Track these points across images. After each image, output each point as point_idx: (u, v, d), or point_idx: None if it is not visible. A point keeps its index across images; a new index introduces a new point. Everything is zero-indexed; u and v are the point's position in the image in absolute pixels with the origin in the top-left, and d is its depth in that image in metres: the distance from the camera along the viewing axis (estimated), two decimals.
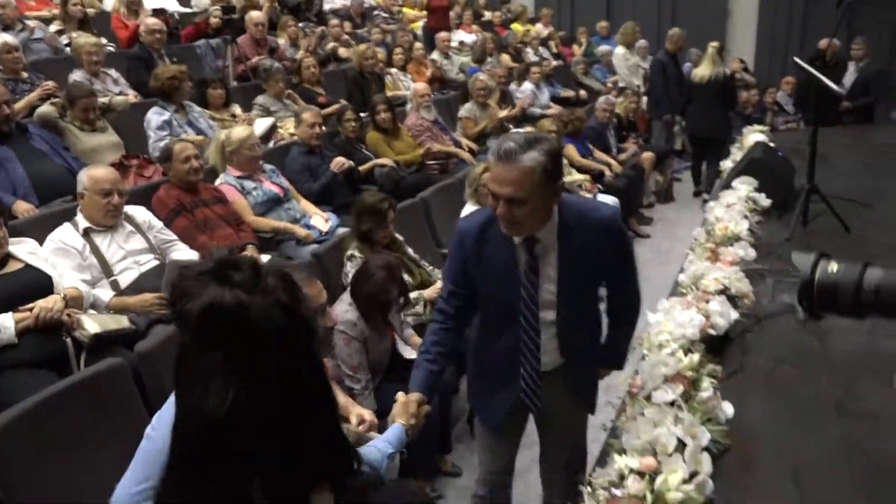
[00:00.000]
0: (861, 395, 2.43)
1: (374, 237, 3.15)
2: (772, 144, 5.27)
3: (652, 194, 6.74)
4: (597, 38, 9.85)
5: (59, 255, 2.81)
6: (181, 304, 0.80)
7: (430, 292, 3.23)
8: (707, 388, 2.23)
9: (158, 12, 5.69)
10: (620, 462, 1.83)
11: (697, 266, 3.14)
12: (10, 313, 2.43)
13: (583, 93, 8.06)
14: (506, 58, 8.13)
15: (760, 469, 2.08)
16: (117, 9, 5.98)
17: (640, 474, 1.78)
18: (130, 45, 5.61)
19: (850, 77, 7.04)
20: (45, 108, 3.82)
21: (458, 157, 5.24)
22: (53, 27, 5.64)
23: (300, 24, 6.95)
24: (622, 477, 1.80)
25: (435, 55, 7.64)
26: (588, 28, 10.11)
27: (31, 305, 2.47)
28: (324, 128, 4.47)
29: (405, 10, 9.80)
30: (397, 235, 3.38)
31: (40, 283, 2.60)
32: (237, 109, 4.94)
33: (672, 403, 2.02)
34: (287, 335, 0.80)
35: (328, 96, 5.69)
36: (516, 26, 9.81)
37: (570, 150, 5.60)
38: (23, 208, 3.18)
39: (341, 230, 3.71)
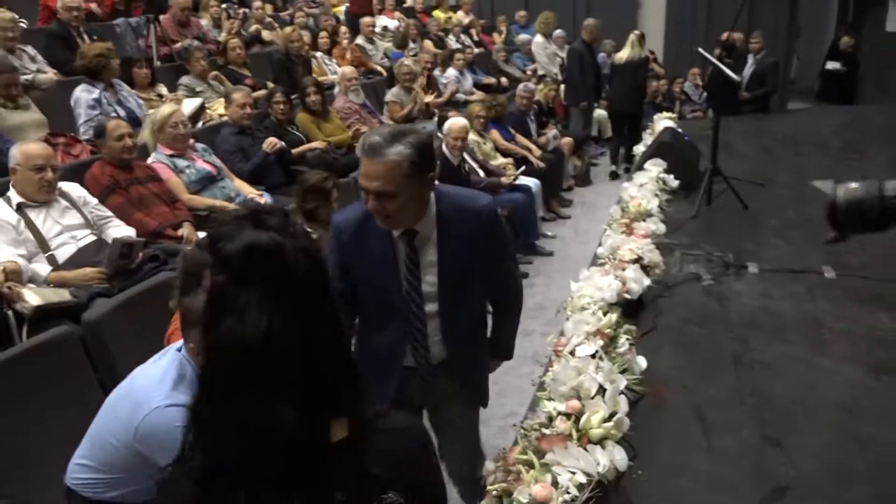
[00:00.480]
0: (755, 348, 2.76)
1: (319, 216, 3.24)
2: (679, 130, 5.67)
3: (571, 178, 7.07)
4: (516, 26, 10.13)
5: None
6: (219, 246, 0.90)
7: None
8: (623, 344, 2.49)
9: None
10: (549, 406, 2.05)
11: (614, 239, 3.42)
12: None
13: (504, 80, 8.30)
14: (429, 44, 8.27)
15: (669, 410, 2.36)
16: None
17: (567, 416, 2.00)
18: (47, 21, 5.43)
19: (749, 69, 7.57)
20: None
21: None
22: None
23: (223, 6, 6.86)
24: (550, 419, 2.01)
25: (359, 40, 7.70)
26: (507, 17, 10.38)
27: None
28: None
29: None
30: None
31: None
32: (163, 89, 4.90)
33: (594, 356, 2.25)
34: (311, 274, 0.92)
35: (254, 78, 5.69)
36: (438, 13, 9.96)
37: (494, 134, 5.83)
38: None
39: None
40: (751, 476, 2.02)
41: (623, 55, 7.08)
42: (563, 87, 7.63)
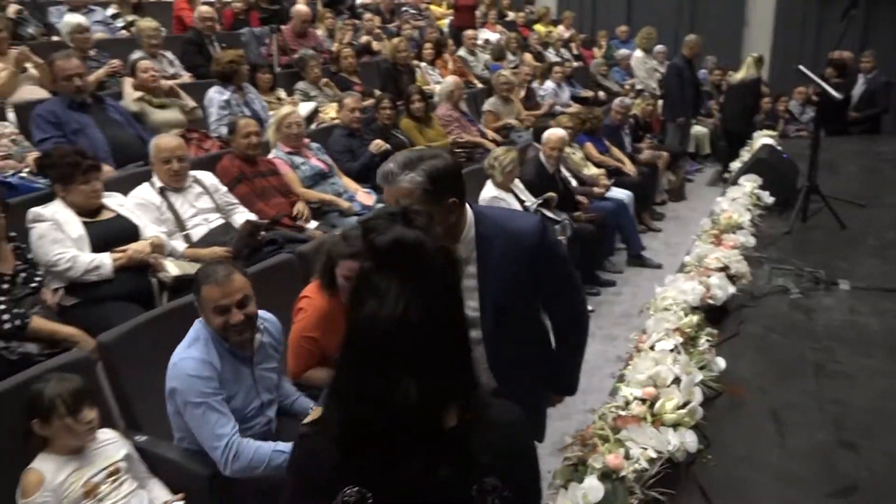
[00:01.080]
0: (838, 360, 2.80)
1: None
2: (778, 148, 5.63)
3: (664, 192, 7.08)
4: (616, 41, 10.19)
5: (140, 209, 3.20)
6: (371, 237, 1.04)
7: None
8: (703, 344, 2.60)
9: (208, 3, 6.08)
10: (626, 391, 2.21)
11: (702, 248, 3.51)
12: (108, 253, 2.83)
13: (601, 94, 8.40)
14: (528, 57, 8.48)
15: (745, 409, 2.46)
16: None
17: (643, 401, 2.15)
18: (180, 30, 6.01)
19: (859, 89, 7.36)
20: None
21: (483, 147, 5.60)
22: (111, 10, 6.05)
23: (337, 18, 7.32)
24: (627, 403, 2.17)
25: (461, 52, 8.01)
26: (608, 31, 10.45)
27: (124, 248, 2.87)
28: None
29: (432, 7, 10.17)
30: None
31: (129, 230, 3.00)
32: (282, 93, 5.34)
33: (672, 350, 2.39)
34: (444, 270, 1.05)
35: (363, 85, 6.07)
36: (539, 27, 10.15)
37: (588, 146, 5.95)
38: (105, 170, 3.57)
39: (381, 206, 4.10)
40: (821, 473, 2.11)
41: (738, 76, 7.38)
42: (660, 102, 7.66)
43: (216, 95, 4.59)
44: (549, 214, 4.49)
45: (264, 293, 2.49)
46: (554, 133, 4.84)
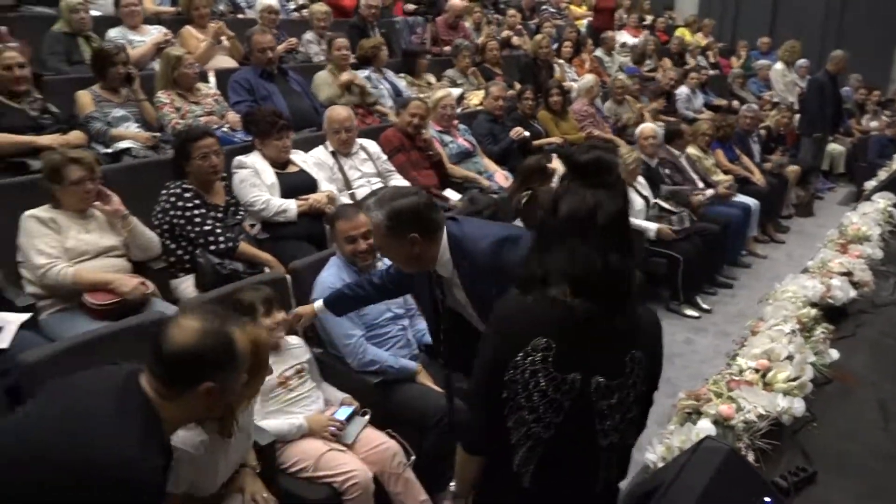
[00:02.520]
0: None
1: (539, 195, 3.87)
2: None
3: (792, 206, 7.04)
4: (756, 52, 10.04)
5: (317, 167, 3.73)
6: (574, 156, 1.42)
7: None
8: (818, 335, 2.79)
9: None
10: (740, 361, 2.46)
11: (826, 254, 3.64)
12: (293, 200, 3.35)
13: (736, 103, 8.36)
14: (667, 62, 8.58)
15: (854, 396, 2.63)
16: None
17: (756, 371, 2.39)
18: (338, 15, 6.59)
19: None
20: None
21: (615, 143, 5.84)
22: None
23: (483, 12, 7.74)
24: (741, 371, 2.42)
25: (598, 52, 8.23)
26: (749, 42, 10.30)
27: (306, 197, 3.39)
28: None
29: (572, 7, 10.40)
30: None
31: (310, 183, 3.53)
32: (432, 78, 5.81)
33: (788, 332, 2.60)
34: (619, 182, 1.44)
35: (504, 76, 6.45)
36: (684, 31, 10.13)
37: (719, 153, 6.05)
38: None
39: None
40: None
41: None
42: (797, 115, 7.57)
43: (359, 74, 5.17)
44: (667, 206, 4.70)
45: None
46: (645, 126, 5.10)
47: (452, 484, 1.77)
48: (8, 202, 2.84)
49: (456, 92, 5.55)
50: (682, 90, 7.65)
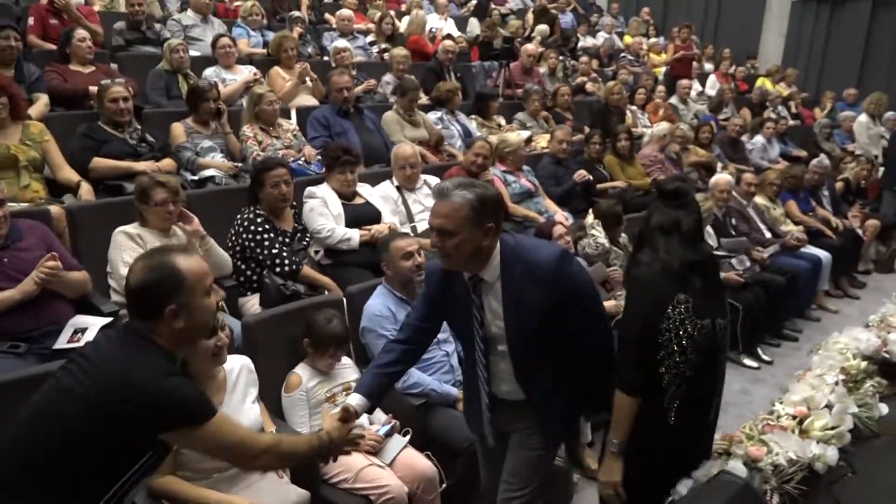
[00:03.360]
0: None
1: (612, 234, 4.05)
2: None
3: (871, 262, 6.79)
4: (843, 104, 9.79)
5: (382, 200, 3.95)
6: (662, 185, 2.13)
7: None
8: (867, 389, 2.74)
9: (448, 37, 6.94)
10: (778, 408, 2.46)
11: (889, 308, 3.55)
12: (357, 230, 3.58)
13: (821, 156, 8.16)
14: (746, 112, 8.50)
15: None
16: (415, 31, 7.36)
17: (793, 417, 2.39)
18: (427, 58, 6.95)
19: None
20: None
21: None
22: (370, 38, 7.12)
23: (559, 58, 7.92)
24: (778, 417, 2.42)
25: (673, 100, 8.25)
26: (836, 93, 10.06)
27: (369, 227, 3.60)
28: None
29: (651, 54, 10.46)
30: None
31: (373, 215, 3.75)
32: (502, 120, 6.01)
33: (831, 382, 2.58)
34: (693, 204, 2.10)
35: (574, 121, 6.59)
36: (765, 81, 10.00)
37: (791, 204, 5.94)
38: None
39: None
40: None
41: None
42: (881, 168, 7.34)
43: (432, 115, 5.51)
44: (723, 254, 4.67)
45: None
46: (721, 178, 5.05)
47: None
48: (104, 220, 3.17)
49: (522, 135, 5.73)
50: (758, 139, 7.57)
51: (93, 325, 2.66)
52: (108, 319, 2.74)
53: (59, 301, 2.71)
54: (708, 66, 10.40)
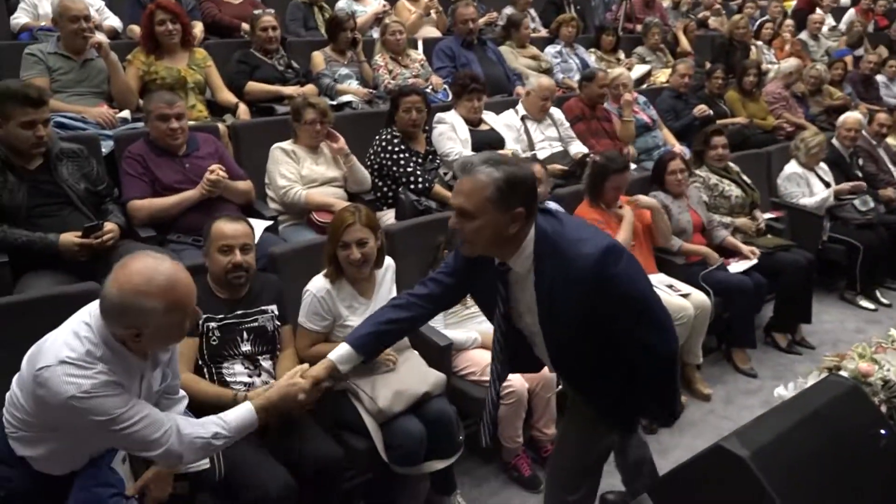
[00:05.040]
0: None
1: (705, 159, 4.14)
2: None
3: None
4: None
5: (506, 128, 4.15)
6: None
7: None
8: None
9: None
10: (893, 332, 2.54)
11: None
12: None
13: None
14: (882, 49, 7.98)
15: None
16: None
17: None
18: None
19: None
20: None
21: (804, 128, 5.67)
22: None
23: None
24: (892, 341, 2.50)
25: (803, 35, 7.85)
26: None
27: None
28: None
29: None
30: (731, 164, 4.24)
31: (497, 141, 3.97)
32: (622, 55, 6.00)
33: None
34: None
35: (695, 55, 6.45)
36: None
37: None
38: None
39: None
40: None
41: None
42: None
43: (550, 49, 5.58)
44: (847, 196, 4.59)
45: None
46: (850, 116, 4.93)
47: None
48: (259, 138, 3.56)
49: (641, 69, 5.72)
50: (881, 77, 7.13)
51: (258, 225, 3.04)
52: (270, 222, 3.14)
53: (229, 205, 3.10)
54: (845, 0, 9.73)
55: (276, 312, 2.49)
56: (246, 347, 2.38)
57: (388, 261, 2.74)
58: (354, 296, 2.55)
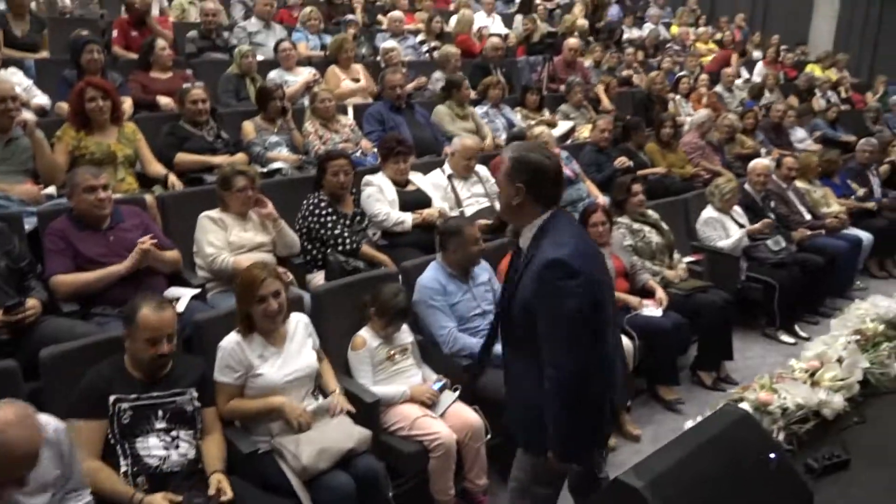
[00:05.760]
0: None
1: (626, 207, 4.34)
2: None
3: None
4: (895, 86, 9.69)
5: (433, 187, 4.29)
6: None
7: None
8: (885, 349, 2.95)
9: (497, 35, 7.26)
10: (793, 363, 2.70)
11: None
12: (410, 214, 3.93)
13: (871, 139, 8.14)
14: (792, 98, 8.54)
15: None
16: (463, 30, 7.68)
17: (805, 371, 2.63)
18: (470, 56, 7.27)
19: None
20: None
21: (721, 175, 6.01)
22: (420, 37, 7.48)
23: (606, 51, 8.13)
24: (792, 370, 2.66)
25: (718, 88, 8.35)
26: (888, 77, 9.96)
27: (420, 211, 3.96)
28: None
29: (698, 44, 10.52)
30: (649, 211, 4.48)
31: (425, 200, 4.10)
32: (546, 113, 6.29)
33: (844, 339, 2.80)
34: None
35: (617, 111, 6.81)
36: (814, 67, 9.96)
37: (828, 190, 6.04)
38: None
39: None
40: None
41: None
42: None
43: (478, 109, 5.83)
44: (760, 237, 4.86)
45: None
46: (758, 162, 5.29)
47: None
48: (188, 207, 3.61)
49: (565, 125, 6.01)
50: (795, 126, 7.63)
51: (185, 294, 3.09)
52: (197, 290, 3.17)
53: (156, 275, 3.14)
54: (756, 54, 10.41)
55: (196, 394, 2.46)
56: (161, 425, 2.37)
57: (299, 315, 2.81)
58: (265, 346, 2.64)
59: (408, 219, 3.92)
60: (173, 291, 3.15)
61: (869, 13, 10.92)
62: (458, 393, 3.04)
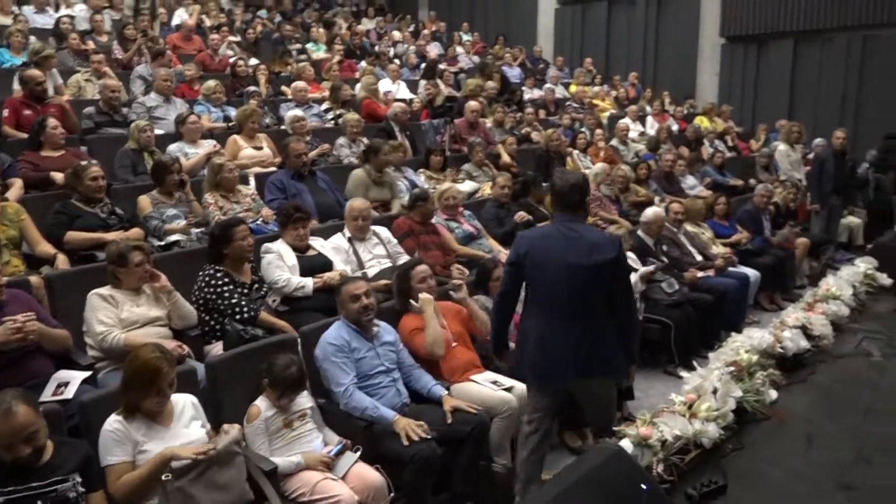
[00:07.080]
0: (892, 402, 3.15)
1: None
2: None
3: (806, 277, 7.29)
4: (775, 134, 10.47)
5: (334, 251, 4.35)
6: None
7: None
8: (759, 378, 3.15)
9: (399, 100, 7.52)
10: (674, 397, 2.85)
11: (791, 311, 3.99)
12: (311, 278, 3.96)
13: (754, 182, 8.73)
14: (683, 148, 9.12)
15: (785, 430, 2.94)
16: (368, 96, 7.92)
17: (684, 403, 2.78)
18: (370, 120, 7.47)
19: None
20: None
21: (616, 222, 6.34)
22: (325, 105, 7.64)
23: (506, 111, 8.51)
24: (673, 404, 2.81)
25: (613, 142, 8.84)
26: (768, 125, 10.78)
27: (321, 275, 3.99)
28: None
29: (595, 101, 11.14)
30: None
31: (326, 264, 4.15)
32: (449, 173, 6.50)
33: (718, 371, 2.98)
34: None
35: (518, 168, 7.10)
36: (702, 119, 10.70)
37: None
38: (311, 222, 4.80)
39: None
40: (832, 473, 2.57)
41: None
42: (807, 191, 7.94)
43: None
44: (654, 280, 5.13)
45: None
46: (650, 211, 5.65)
47: None
48: (79, 286, 3.53)
49: (470, 185, 6.23)
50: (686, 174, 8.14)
51: (75, 377, 3.00)
52: (88, 373, 3.09)
53: (41, 357, 3.04)
54: (649, 108, 11.10)
55: (79, 479, 2.37)
56: None
57: (187, 397, 2.79)
58: (150, 424, 2.59)
59: (308, 283, 3.95)
60: (62, 375, 3.05)
61: (746, 67, 11.84)
62: (359, 453, 3.03)
